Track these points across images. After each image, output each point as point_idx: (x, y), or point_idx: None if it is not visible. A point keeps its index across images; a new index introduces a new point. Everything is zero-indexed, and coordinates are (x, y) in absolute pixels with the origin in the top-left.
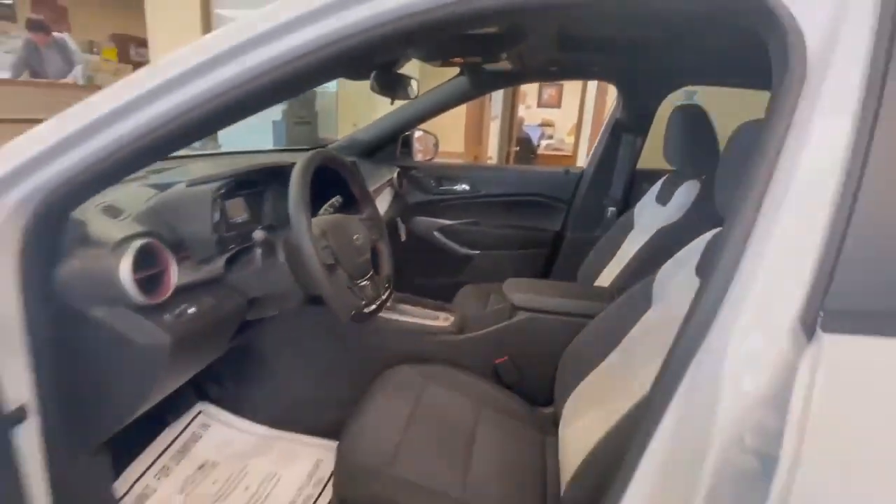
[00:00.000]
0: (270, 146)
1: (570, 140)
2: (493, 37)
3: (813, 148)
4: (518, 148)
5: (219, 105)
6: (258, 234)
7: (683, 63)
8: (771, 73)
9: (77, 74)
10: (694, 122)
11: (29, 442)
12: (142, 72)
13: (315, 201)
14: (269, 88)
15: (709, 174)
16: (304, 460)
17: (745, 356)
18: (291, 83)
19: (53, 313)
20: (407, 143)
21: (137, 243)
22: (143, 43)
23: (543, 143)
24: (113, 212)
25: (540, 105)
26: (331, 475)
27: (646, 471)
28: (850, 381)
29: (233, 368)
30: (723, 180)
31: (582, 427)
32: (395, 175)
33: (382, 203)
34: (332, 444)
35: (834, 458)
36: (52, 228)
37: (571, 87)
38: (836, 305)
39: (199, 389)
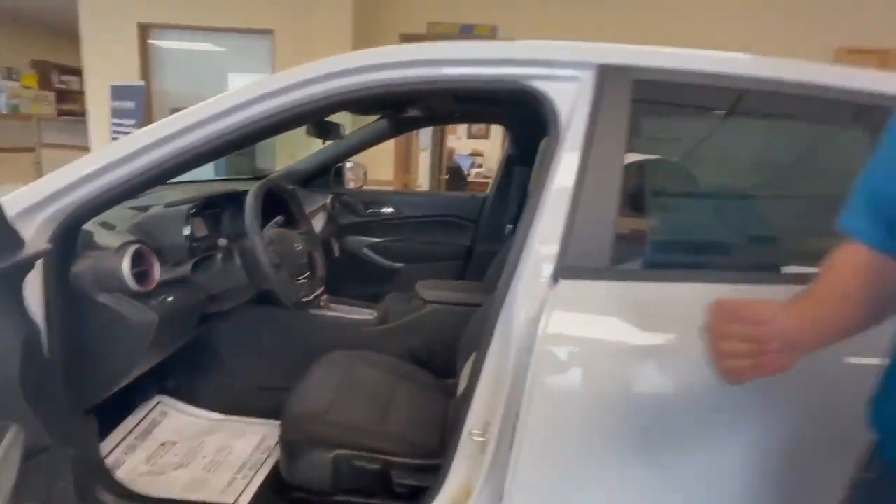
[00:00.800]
0: (213, 175)
1: None
2: (398, 99)
3: (560, 172)
4: (448, 176)
5: (193, 155)
6: (222, 242)
7: None
8: None
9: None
10: None
11: None
12: (140, 132)
13: (263, 219)
14: (237, 141)
15: None
16: (253, 435)
17: (525, 298)
18: (259, 135)
19: (67, 299)
20: (339, 173)
21: (134, 247)
22: (67, 70)
23: (473, 171)
24: (107, 226)
25: (470, 136)
26: (276, 443)
27: (485, 372)
28: (571, 305)
29: (188, 364)
30: None
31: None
32: (329, 200)
33: (318, 224)
34: (277, 423)
35: (558, 352)
36: (69, 238)
37: None
38: (567, 263)
39: (159, 383)
